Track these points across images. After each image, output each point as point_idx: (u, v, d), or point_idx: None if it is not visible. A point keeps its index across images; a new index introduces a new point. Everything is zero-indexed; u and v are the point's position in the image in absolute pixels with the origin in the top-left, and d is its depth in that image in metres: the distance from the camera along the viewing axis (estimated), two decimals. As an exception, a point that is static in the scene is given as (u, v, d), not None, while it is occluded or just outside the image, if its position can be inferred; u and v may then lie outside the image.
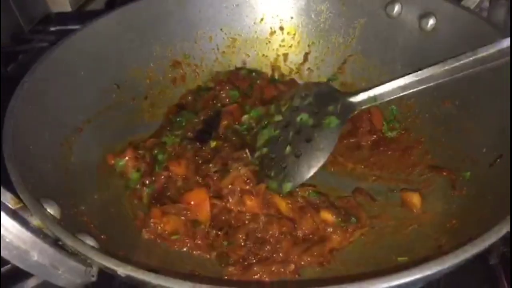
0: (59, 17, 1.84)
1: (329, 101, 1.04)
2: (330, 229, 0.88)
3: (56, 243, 0.65)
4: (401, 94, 0.99)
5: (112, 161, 1.00)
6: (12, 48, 1.65)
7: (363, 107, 1.03)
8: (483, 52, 0.90)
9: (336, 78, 1.22)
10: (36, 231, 0.58)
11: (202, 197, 0.90)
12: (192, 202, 0.90)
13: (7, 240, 0.54)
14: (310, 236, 0.88)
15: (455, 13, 1.02)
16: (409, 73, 0.98)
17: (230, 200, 0.90)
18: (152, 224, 0.89)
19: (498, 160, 0.85)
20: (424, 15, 1.07)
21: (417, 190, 0.96)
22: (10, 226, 0.55)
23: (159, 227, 0.89)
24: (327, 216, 0.89)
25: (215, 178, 0.93)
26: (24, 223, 0.57)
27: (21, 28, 1.73)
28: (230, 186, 0.90)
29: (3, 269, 0.87)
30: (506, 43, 0.87)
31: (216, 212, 0.90)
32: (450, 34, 1.03)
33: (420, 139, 1.06)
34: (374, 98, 1.02)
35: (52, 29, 1.81)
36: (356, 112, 1.03)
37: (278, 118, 1.05)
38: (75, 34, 1.03)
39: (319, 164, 0.96)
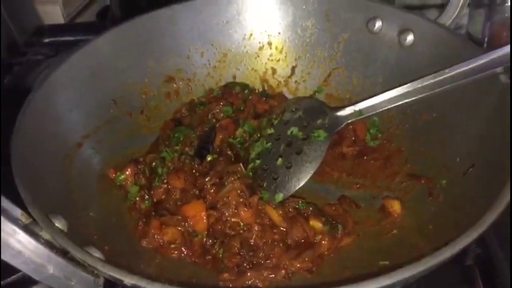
0: (52, 29, 1.88)
1: (318, 115, 1.10)
2: (319, 236, 0.94)
3: (66, 255, 0.71)
4: (385, 108, 1.06)
5: (113, 175, 1.05)
6: (7, 61, 1.69)
7: (350, 121, 1.10)
8: (461, 68, 0.96)
9: (321, 90, 1.28)
10: (51, 246, 0.63)
11: (199, 209, 0.95)
12: (190, 214, 0.95)
13: (25, 255, 0.59)
14: (301, 242, 0.93)
15: (432, 30, 1.09)
16: (392, 88, 1.05)
17: (226, 212, 0.95)
18: (151, 234, 0.94)
19: (471, 169, 0.91)
20: (403, 31, 1.13)
21: (397, 197, 1.02)
22: (27, 242, 0.60)
23: (158, 238, 0.95)
24: (316, 224, 0.95)
25: (211, 191, 0.98)
26: (39, 239, 0.62)
27: (14, 40, 1.77)
28: (225, 199, 0.96)
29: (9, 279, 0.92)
30: (485, 58, 0.93)
31: (212, 222, 0.96)
32: (427, 49, 1.10)
33: (400, 148, 1.12)
34: (360, 112, 1.09)
35: (46, 40, 1.84)
36: (343, 126, 1.10)
37: (270, 131, 1.11)
38: (74, 53, 1.08)
39: (309, 176, 1.03)
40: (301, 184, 1.03)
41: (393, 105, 1.05)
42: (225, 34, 1.28)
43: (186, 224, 0.95)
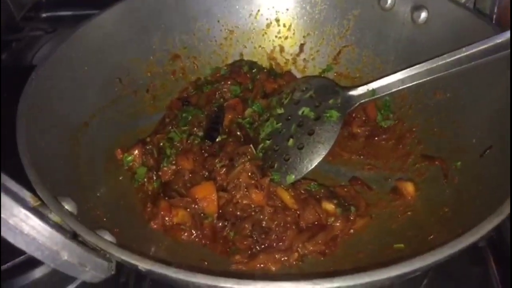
0: (50, 3, 1.83)
1: (330, 95, 1.08)
2: (331, 219, 0.93)
3: (77, 239, 0.69)
4: (400, 88, 1.03)
5: (121, 156, 1.03)
6: (5, 37, 1.65)
7: (363, 101, 1.07)
8: (478, 47, 0.93)
9: (331, 69, 1.26)
10: (63, 231, 0.61)
11: (210, 191, 0.94)
12: (200, 196, 0.94)
13: (39, 241, 0.57)
14: (314, 225, 0.92)
15: (447, 7, 1.06)
16: (406, 67, 1.01)
17: (236, 194, 0.93)
18: (160, 216, 0.93)
19: (488, 151, 0.89)
20: (417, 8, 1.10)
21: (410, 179, 1.00)
22: (41, 228, 0.58)
23: (167, 219, 0.93)
24: (329, 206, 0.94)
25: (221, 172, 0.96)
26: (53, 225, 0.60)
27: (12, 16, 1.72)
28: (236, 181, 0.94)
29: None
30: (501, 37, 0.90)
31: (222, 204, 0.94)
32: (442, 27, 1.07)
33: (412, 129, 1.10)
34: (373, 92, 1.06)
35: (44, 15, 1.80)
36: (356, 106, 1.07)
37: (280, 111, 1.09)
38: (78, 29, 1.05)
39: (321, 157, 1.01)
40: (313, 165, 1.01)
41: (407, 85, 1.02)
42: (231, 10, 1.25)
43: (196, 206, 0.94)
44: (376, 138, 1.12)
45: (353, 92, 1.08)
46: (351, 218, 0.94)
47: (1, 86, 1.18)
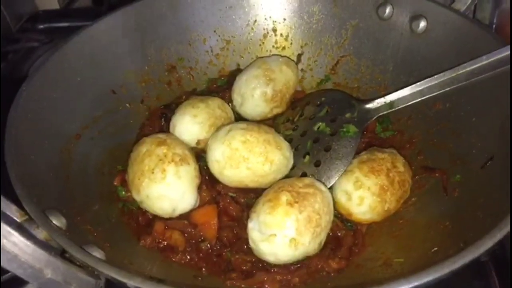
0: (47, 14, 1.82)
1: (345, 109, 1.05)
2: (342, 232, 0.91)
3: (64, 255, 0.66)
4: (418, 100, 1.01)
5: (117, 184, 1.00)
6: (2, 48, 1.64)
7: (380, 114, 1.04)
8: (495, 56, 0.91)
9: (329, 79, 1.24)
10: (48, 247, 0.59)
11: (211, 216, 0.90)
12: (200, 221, 0.90)
13: (22, 259, 0.55)
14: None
15: (446, 16, 1.04)
16: (424, 79, 0.99)
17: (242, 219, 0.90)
18: (152, 237, 0.90)
19: (489, 162, 0.87)
20: (415, 18, 1.09)
21: (411, 190, 0.98)
22: (24, 245, 0.56)
23: (159, 241, 0.90)
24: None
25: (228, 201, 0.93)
26: (35, 240, 0.58)
27: (9, 27, 1.71)
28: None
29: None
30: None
31: (223, 227, 0.90)
32: (441, 36, 1.05)
33: (412, 140, 1.08)
34: (390, 104, 1.03)
35: (41, 26, 1.79)
36: (373, 119, 1.05)
37: (288, 132, 1.06)
38: (71, 39, 1.03)
39: (339, 173, 0.96)
40: (332, 183, 0.96)
41: (426, 97, 1.00)
42: (228, 20, 1.24)
43: (193, 231, 0.90)
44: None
45: (370, 105, 1.05)
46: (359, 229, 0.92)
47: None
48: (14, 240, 0.55)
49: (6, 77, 1.54)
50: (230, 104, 1.14)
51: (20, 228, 0.58)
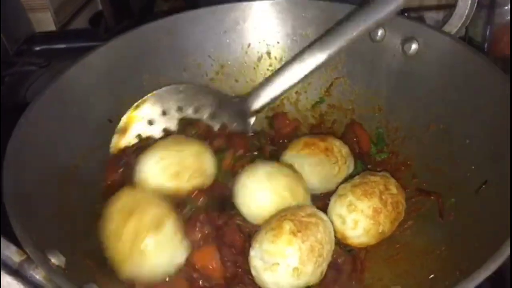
0: (43, 36, 1.83)
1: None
2: (342, 258, 0.90)
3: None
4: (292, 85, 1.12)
5: None
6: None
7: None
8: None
9: (323, 101, 1.25)
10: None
11: (211, 257, 0.85)
12: (200, 264, 0.85)
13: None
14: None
15: (437, 38, 1.06)
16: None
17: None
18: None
19: (483, 186, 0.88)
20: (407, 40, 1.10)
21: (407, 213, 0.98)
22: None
23: None
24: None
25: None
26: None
27: (5, 50, 1.72)
28: None
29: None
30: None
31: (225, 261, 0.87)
32: (433, 58, 1.07)
33: (407, 162, 1.08)
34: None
35: (37, 48, 1.80)
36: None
37: None
38: (68, 70, 1.03)
39: None
40: None
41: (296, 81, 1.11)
42: (223, 44, 1.24)
43: (196, 275, 0.86)
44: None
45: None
46: (357, 254, 0.92)
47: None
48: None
49: (3, 101, 1.54)
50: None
51: (17, 273, 0.59)
